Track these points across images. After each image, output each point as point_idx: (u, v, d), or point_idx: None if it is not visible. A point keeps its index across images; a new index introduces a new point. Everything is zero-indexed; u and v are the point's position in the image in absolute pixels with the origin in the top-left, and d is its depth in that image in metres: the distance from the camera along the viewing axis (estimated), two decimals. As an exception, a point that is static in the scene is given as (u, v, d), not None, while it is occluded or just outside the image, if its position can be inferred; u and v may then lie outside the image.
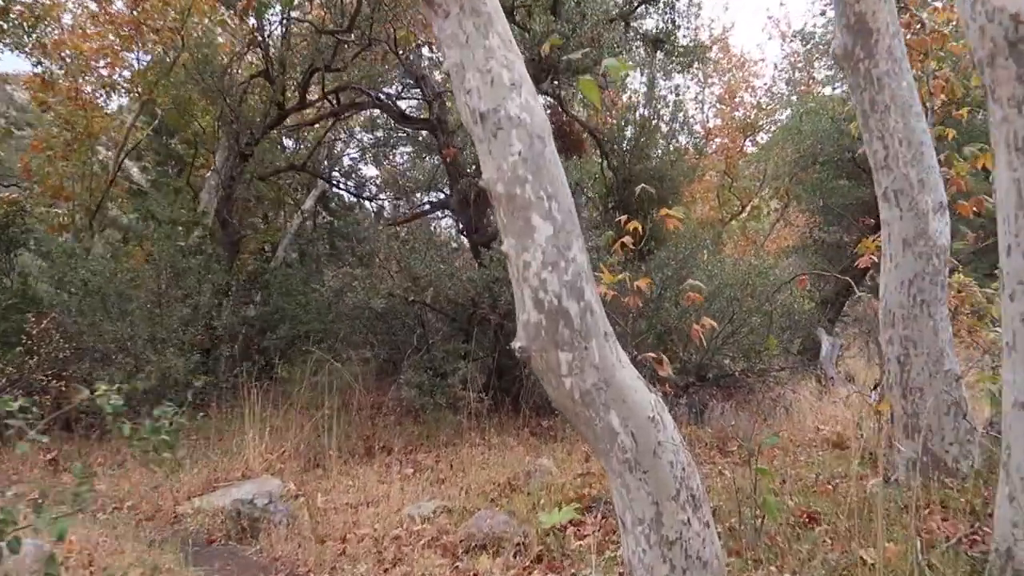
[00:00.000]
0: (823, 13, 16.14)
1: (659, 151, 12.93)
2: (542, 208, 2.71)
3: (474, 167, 8.40)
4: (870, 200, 12.45)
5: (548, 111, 11.43)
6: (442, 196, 11.96)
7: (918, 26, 6.21)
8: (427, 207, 12.91)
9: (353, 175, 14.64)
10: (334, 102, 9.92)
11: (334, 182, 13.58)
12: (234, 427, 7.07)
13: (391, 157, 15.78)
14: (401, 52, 8.47)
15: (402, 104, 11.79)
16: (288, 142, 13.79)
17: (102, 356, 7.94)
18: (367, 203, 14.85)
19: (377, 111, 12.02)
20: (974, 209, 5.15)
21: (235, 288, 10.60)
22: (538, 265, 2.70)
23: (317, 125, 12.81)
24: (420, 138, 12.84)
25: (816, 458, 6.04)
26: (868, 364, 13.28)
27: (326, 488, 5.79)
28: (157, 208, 9.52)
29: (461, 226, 11.19)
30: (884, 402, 4.37)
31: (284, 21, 9.04)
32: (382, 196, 14.23)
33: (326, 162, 13.90)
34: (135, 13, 10.60)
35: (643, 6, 9.66)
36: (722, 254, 13.98)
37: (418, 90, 10.39)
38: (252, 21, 8.94)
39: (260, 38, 8.61)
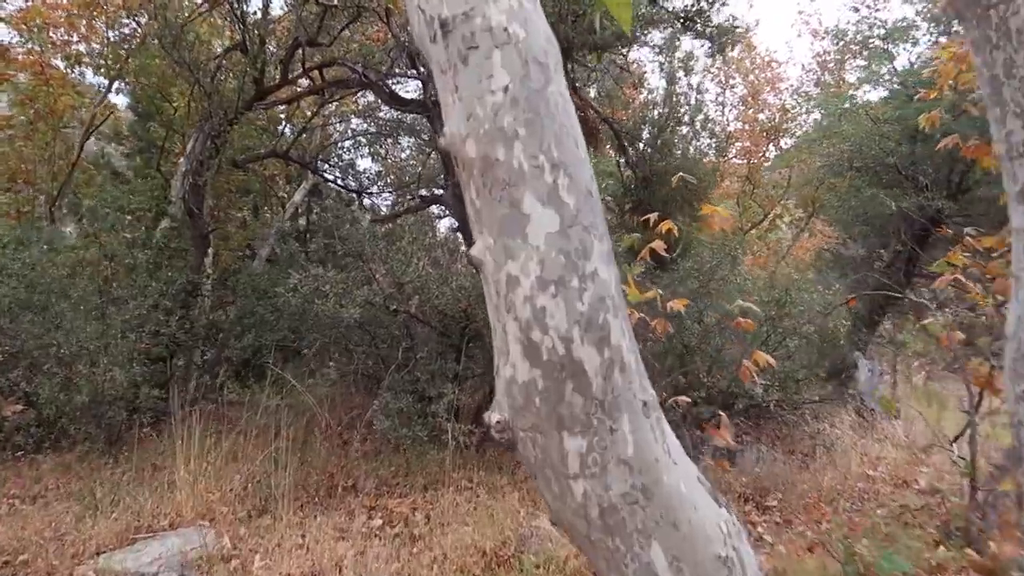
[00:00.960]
0: (857, 10, 15.04)
1: (679, 151, 11.81)
2: (541, 184, 1.55)
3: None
4: (913, 210, 11.36)
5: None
6: (441, 191, 10.82)
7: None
8: (416, 201, 11.71)
9: (349, 168, 13.46)
10: (318, 80, 8.80)
11: (322, 173, 12.39)
12: (175, 458, 5.91)
13: (392, 149, 14.65)
14: (393, 19, 7.34)
15: (406, 94, 10.69)
16: (287, 130, 12.62)
17: (32, 363, 6.82)
18: (365, 198, 13.69)
19: (372, 97, 10.89)
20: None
21: (208, 288, 9.50)
22: (532, 283, 1.54)
23: (308, 111, 11.70)
24: (419, 126, 11.69)
25: (880, 521, 4.86)
26: (900, 392, 12.10)
27: (269, 545, 4.64)
28: (109, 196, 8.42)
29: (457, 224, 10.04)
30: (1009, 481, 3.19)
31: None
32: (373, 190, 13.05)
33: (320, 153, 12.73)
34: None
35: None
36: (743, 266, 12.84)
37: (415, 74, 9.23)
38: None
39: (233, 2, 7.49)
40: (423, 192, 11.70)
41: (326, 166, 12.86)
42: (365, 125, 13.19)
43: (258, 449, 6.03)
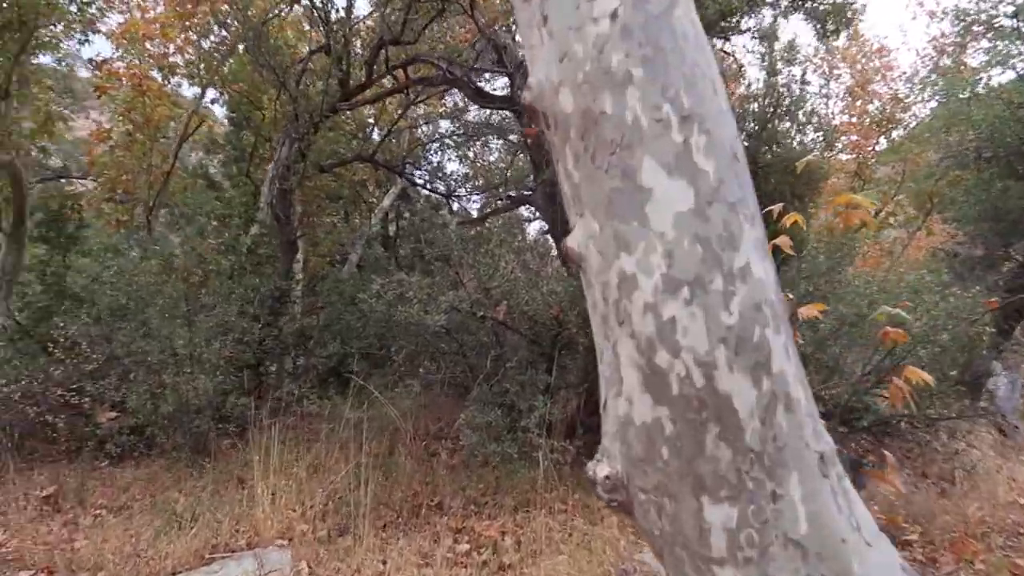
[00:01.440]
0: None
1: (779, 147, 11.05)
2: (667, 144, 1.09)
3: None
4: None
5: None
6: (529, 192, 10.43)
7: None
8: (503, 202, 11.34)
9: (437, 171, 13.26)
10: (403, 79, 8.58)
11: (409, 177, 12.20)
12: (257, 472, 5.68)
13: (480, 151, 14.40)
14: (480, 19, 7.01)
15: (493, 92, 10.38)
16: (374, 134, 12.54)
17: (124, 371, 6.82)
18: (454, 202, 13.48)
19: (458, 98, 10.63)
20: None
21: (298, 294, 9.46)
22: (656, 285, 1.08)
23: (395, 114, 11.56)
24: (507, 125, 11.34)
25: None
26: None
27: (348, 570, 4.32)
28: (193, 202, 8.47)
29: (547, 226, 9.60)
30: None
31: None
32: (461, 193, 12.79)
33: (407, 156, 12.55)
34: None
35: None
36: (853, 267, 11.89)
37: (502, 69, 8.87)
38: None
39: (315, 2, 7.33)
40: (511, 193, 11.34)
41: (415, 171, 12.70)
42: (452, 127, 12.98)
43: (340, 463, 5.75)
